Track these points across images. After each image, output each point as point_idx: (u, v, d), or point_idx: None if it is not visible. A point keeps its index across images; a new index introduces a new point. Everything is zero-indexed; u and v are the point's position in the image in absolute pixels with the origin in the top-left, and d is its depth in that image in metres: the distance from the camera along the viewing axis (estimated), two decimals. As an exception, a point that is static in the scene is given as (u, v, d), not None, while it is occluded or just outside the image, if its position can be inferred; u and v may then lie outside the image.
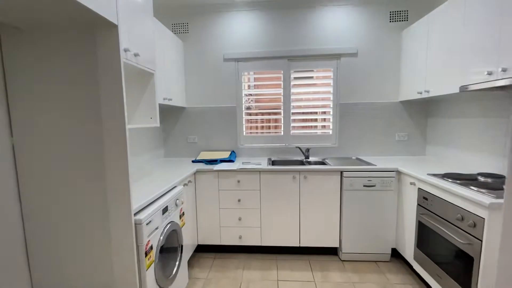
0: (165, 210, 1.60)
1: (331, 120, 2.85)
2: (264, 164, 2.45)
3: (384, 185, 2.22)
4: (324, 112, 2.90)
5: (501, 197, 1.29)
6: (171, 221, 1.69)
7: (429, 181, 1.76)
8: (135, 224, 1.30)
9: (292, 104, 2.86)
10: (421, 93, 2.30)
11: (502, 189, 1.43)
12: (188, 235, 2.18)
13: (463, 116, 2.22)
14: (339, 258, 2.36)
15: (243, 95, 2.88)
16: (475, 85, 1.65)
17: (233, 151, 2.89)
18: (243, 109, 2.90)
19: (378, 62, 2.73)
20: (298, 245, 2.38)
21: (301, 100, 2.88)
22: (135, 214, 1.33)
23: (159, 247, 1.49)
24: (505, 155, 1.82)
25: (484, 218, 1.31)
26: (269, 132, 2.94)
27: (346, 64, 2.75)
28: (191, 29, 2.83)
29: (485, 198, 1.31)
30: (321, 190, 2.31)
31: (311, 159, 2.75)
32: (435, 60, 2.10)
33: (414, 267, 1.96)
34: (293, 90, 2.84)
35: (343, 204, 2.27)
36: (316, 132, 2.89)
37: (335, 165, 2.34)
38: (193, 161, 2.68)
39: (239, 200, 2.37)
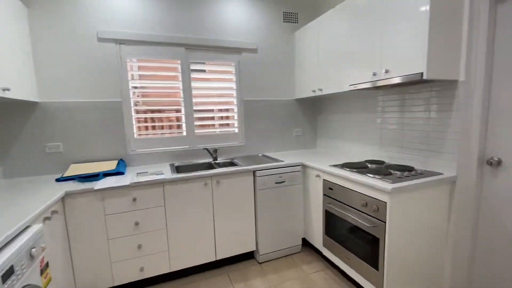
0: (8, 274, 0.96)
1: (236, 118, 2.71)
2: (167, 173, 2.01)
3: (292, 180, 2.28)
4: (228, 110, 2.72)
5: (396, 182, 1.50)
6: (26, 285, 1.05)
7: (334, 173, 1.90)
8: None
9: (194, 100, 2.51)
10: (315, 91, 2.50)
11: (391, 174, 1.69)
12: (58, 290, 1.48)
13: (347, 112, 2.58)
14: (257, 261, 2.27)
15: (130, 87, 2.28)
16: (361, 84, 1.88)
17: (121, 160, 2.26)
18: (132, 105, 2.30)
19: (277, 60, 2.79)
20: (214, 259, 2.11)
21: (203, 96, 2.58)
22: None
23: None
24: (379, 144, 2.22)
25: (386, 202, 1.49)
26: (172, 133, 2.48)
27: (247, 60, 2.66)
28: (39, -11, 1.96)
29: (386, 184, 1.49)
30: (236, 193, 2.13)
31: (219, 160, 2.52)
32: (327, 61, 2.31)
33: (324, 253, 2.12)
34: (194, 84, 2.50)
35: (258, 204, 2.18)
36: (223, 131, 2.68)
37: (246, 165, 2.21)
38: (58, 180, 1.88)
39: (136, 224, 1.85)
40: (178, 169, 2.31)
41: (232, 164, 2.46)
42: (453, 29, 1.55)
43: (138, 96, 2.37)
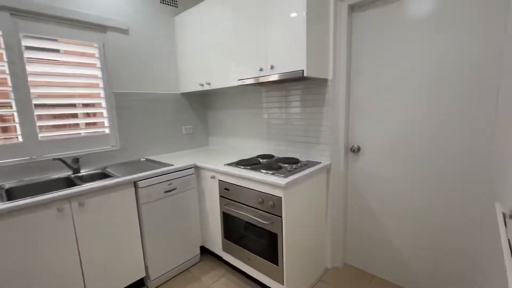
0: None
1: (105, 115, 2.13)
2: (-16, 203, 1.30)
3: (185, 185, 2.02)
4: (94, 105, 2.11)
5: (288, 176, 1.54)
6: None
7: (230, 172, 1.79)
8: None
9: (36, 90, 1.77)
10: (203, 85, 2.31)
11: (281, 167, 1.74)
12: None
13: (237, 107, 2.53)
14: (147, 288, 1.89)
15: None
16: (249, 79, 1.85)
17: None
18: None
19: (154, 46, 2.39)
20: (84, 306, 1.58)
21: (53, 84, 1.87)
22: None
23: None
24: (267, 138, 2.29)
25: (281, 197, 1.50)
26: (-12, 141, 1.65)
27: (116, 42, 2.13)
28: None
29: (280, 179, 1.50)
30: (111, 215, 1.65)
31: (84, 172, 1.91)
32: (213, 54, 2.16)
33: (225, 258, 2.00)
34: (31, 69, 1.75)
35: (143, 222, 1.79)
36: (89, 133, 2.05)
37: (123, 175, 1.77)
38: None
39: None
40: (10, 194, 1.57)
41: (103, 175, 1.92)
42: (324, 32, 1.72)
43: None
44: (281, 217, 1.52)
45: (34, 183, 1.71)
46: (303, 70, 1.55)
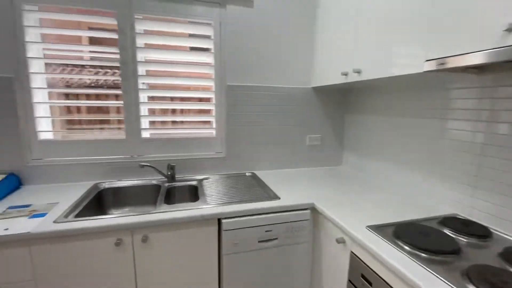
0: None
1: (213, 114, 1.70)
2: (63, 203, 1.09)
3: (291, 235, 1.26)
4: (201, 100, 1.72)
5: None
6: None
7: (377, 253, 0.85)
8: None
9: (143, 81, 1.54)
10: (346, 74, 1.41)
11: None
12: None
13: (396, 113, 1.46)
14: None
15: (28, 54, 1.35)
16: (473, 56, 0.78)
17: (11, 175, 1.36)
18: (30, 84, 1.38)
19: (286, 23, 1.71)
20: None
21: (159, 75, 1.60)
22: None
23: None
24: (472, 183, 1.11)
25: None
26: (102, 129, 1.55)
27: (235, 19, 1.61)
28: None
29: None
30: (180, 257, 1.16)
31: (178, 179, 1.56)
32: (379, 20, 1.21)
33: None
34: (142, 55, 1.52)
35: (223, 276, 1.20)
36: (190, 134, 1.69)
37: (217, 197, 1.23)
38: None
39: (-30, 315, 0.95)
40: (100, 197, 1.38)
41: (194, 189, 1.49)
42: None
43: (53, 70, 1.44)
44: None
45: (127, 186, 1.49)
46: None
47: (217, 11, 1.57)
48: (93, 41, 1.52)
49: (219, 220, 1.17)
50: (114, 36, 1.43)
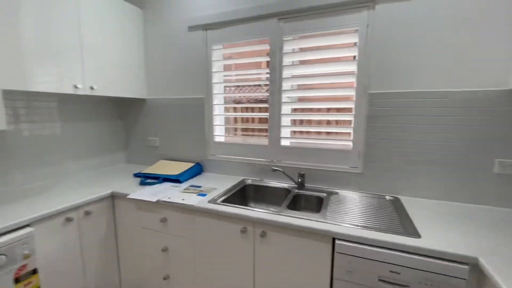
0: None
1: (352, 125, 1.58)
2: (219, 189, 1.47)
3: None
4: (338, 110, 1.65)
5: None
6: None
7: None
8: None
9: (285, 95, 1.71)
10: None
11: None
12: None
13: None
14: None
15: (213, 80, 1.91)
16: None
17: (197, 164, 1.98)
18: (213, 101, 1.93)
19: (457, 12, 1.29)
20: None
21: (299, 88, 1.71)
22: None
23: None
24: None
25: None
26: (252, 134, 1.90)
27: (386, 18, 1.42)
28: (149, -12, 2.01)
29: None
30: (291, 259, 1.18)
31: (307, 190, 1.59)
32: None
33: None
34: (287, 72, 1.70)
35: (335, 303, 1.09)
36: (323, 144, 1.67)
37: (332, 216, 1.16)
38: (135, 175, 1.91)
39: (164, 250, 1.48)
40: (245, 190, 1.69)
41: (320, 201, 1.46)
42: None
43: (228, 90, 1.96)
44: None
45: (261, 185, 1.71)
46: None
47: (364, 14, 1.46)
48: (253, 65, 1.88)
49: (333, 240, 1.08)
50: (267, 59, 1.71)
